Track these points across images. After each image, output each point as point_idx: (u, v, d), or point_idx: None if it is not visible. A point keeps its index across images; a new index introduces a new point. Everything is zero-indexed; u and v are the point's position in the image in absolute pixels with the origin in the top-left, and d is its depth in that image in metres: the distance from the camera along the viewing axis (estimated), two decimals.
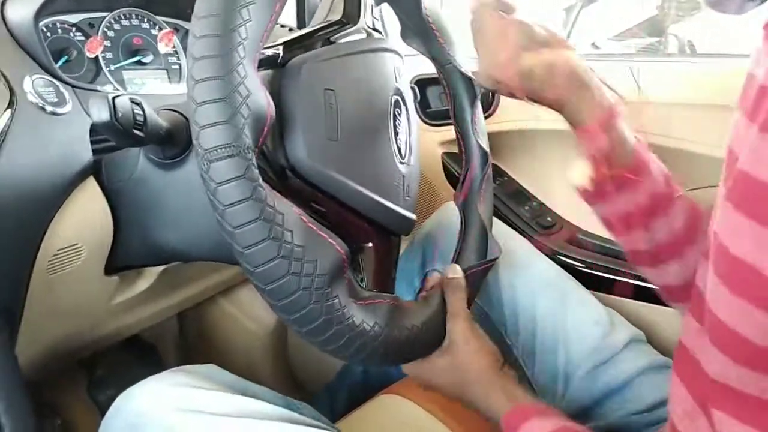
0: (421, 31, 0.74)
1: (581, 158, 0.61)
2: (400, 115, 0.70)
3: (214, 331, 1.18)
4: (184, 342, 1.23)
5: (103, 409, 0.86)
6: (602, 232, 1.04)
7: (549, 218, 1.07)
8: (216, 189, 0.41)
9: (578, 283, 0.87)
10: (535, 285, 0.82)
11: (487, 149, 0.78)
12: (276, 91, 0.53)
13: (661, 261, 0.65)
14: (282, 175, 0.53)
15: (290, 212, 0.45)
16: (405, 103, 0.73)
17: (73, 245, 0.61)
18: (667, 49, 1.57)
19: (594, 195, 0.63)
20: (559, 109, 0.61)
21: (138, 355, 1.09)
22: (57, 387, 0.98)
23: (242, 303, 1.15)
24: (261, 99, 0.44)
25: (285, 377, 1.20)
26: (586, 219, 1.03)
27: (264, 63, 0.53)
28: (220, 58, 0.41)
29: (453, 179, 1.16)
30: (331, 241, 0.48)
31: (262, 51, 0.48)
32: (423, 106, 1.16)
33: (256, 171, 0.42)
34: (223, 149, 0.41)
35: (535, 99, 0.61)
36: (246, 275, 0.45)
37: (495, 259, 0.71)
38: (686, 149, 0.87)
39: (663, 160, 0.64)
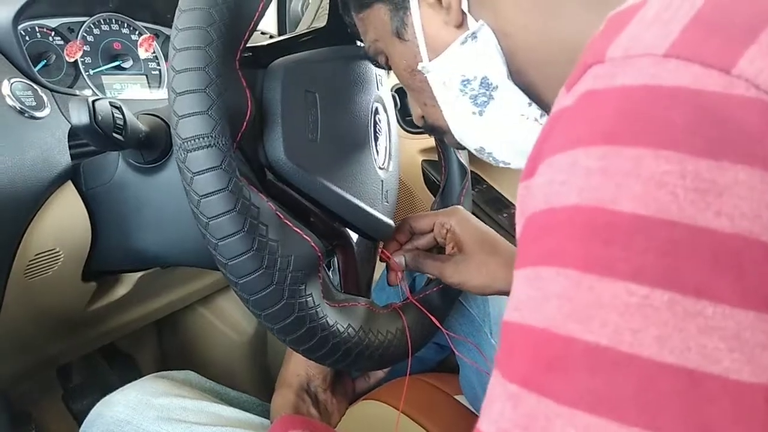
0: None
1: None
2: (380, 122, 0.71)
3: (193, 339, 1.17)
4: (162, 351, 1.22)
5: (78, 419, 0.85)
6: None
7: None
8: (192, 179, 0.41)
9: None
10: None
11: (466, 163, 0.79)
12: (258, 90, 0.53)
13: None
14: (260, 173, 0.53)
15: (266, 207, 0.45)
16: (386, 111, 0.73)
17: (51, 250, 0.60)
18: None
19: None
20: None
21: (114, 365, 1.07)
22: (32, 396, 0.96)
23: (221, 311, 1.14)
24: (241, 94, 0.44)
25: (265, 386, 1.19)
26: None
27: (246, 62, 0.54)
28: (202, 50, 0.41)
29: (433, 186, 1.17)
30: (307, 237, 0.48)
31: (246, 53, 0.49)
32: (403, 114, 1.17)
33: (234, 163, 0.42)
34: (201, 139, 0.41)
35: None
36: (220, 268, 0.44)
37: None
38: None
39: None
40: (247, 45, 0.48)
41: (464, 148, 0.56)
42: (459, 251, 0.66)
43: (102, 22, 0.78)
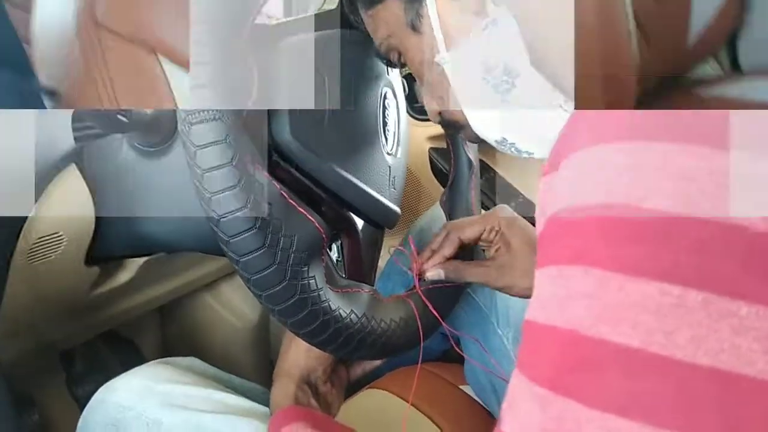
0: None
1: None
2: (389, 107, 0.70)
3: (196, 326, 1.17)
4: (165, 337, 1.21)
5: (81, 404, 0.84)
6: None
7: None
8: (195, 152, 0.40)
9: None
10: None
11: (473, 157, 0.78)
12: (265, 69, 0.52)
13: None
14: (267, 154, 0.52)
15: (270, 185, 0.44)
16: (395, 96, 0.72)
17: (54, 233, 0.60)
18: None
19: None
20: None
21: (117, 351, 1.07)
22: (35, 382, 0.96)
23: (225, 298, 1.13)
24: (247, 71, 0.44)
25: (268, 374, 1.18)
26: None
27: (255, 41, 0.53)
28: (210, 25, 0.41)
29: (440, 174, 1.16)
30: (311, 218, 0.47)
31: (254, 32, 0.48)
32: (411, 100, 1.16)
33: (238, 138, 0.41)
34: (206, 112, 0.40)
35: None
36: (222, 246, 0.43)
37: None
38: None
39: None
40: (256, 23, 0.47)
41: (483, 142, 0.54)
42: (506, 252, 0.64)
43: None
